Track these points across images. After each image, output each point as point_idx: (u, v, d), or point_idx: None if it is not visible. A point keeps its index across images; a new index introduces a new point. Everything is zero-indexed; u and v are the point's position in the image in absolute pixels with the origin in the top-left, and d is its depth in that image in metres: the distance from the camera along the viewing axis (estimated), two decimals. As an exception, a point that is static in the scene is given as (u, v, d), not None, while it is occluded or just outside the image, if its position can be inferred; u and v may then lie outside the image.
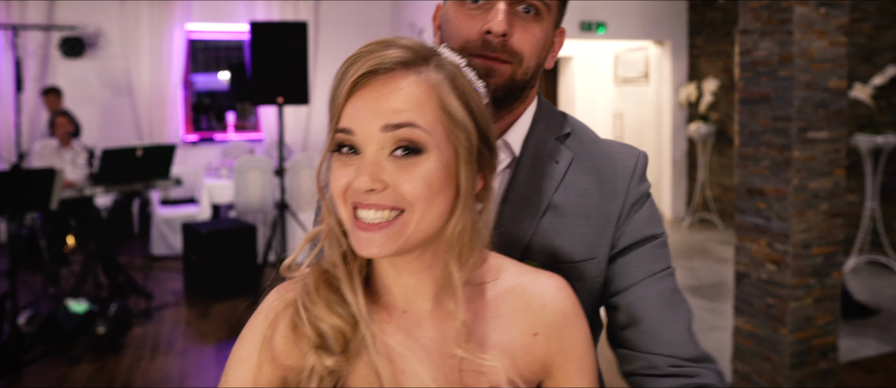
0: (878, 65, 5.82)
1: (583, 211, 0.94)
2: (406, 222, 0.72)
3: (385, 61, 0.73)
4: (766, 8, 3.00)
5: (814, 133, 2.94)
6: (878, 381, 3.56)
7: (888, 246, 5.72)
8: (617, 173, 0.97)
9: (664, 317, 0.93)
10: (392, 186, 0.72)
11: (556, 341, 0.80)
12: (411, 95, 0.72)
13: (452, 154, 0.74)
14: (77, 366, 3.87)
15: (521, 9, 0.90)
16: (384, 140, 0.72)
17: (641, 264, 0.95)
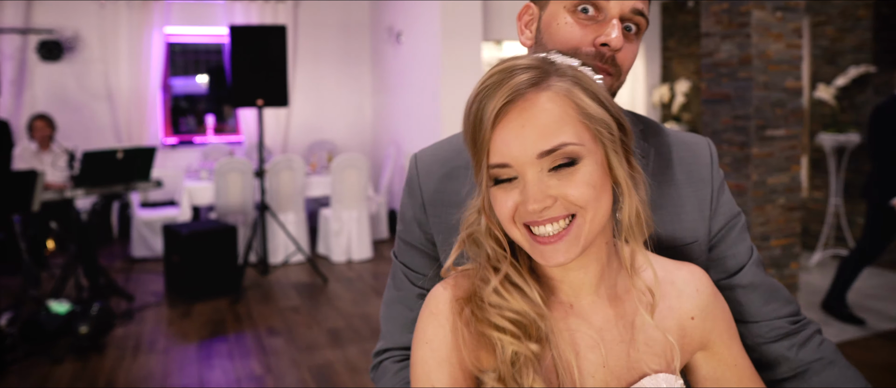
0: (840, 66, 6.03)
1: (676, 199, 1.00)
2: (581, 225, 0.77)
3: (518, 87, 0.75)
4: (726, 12, 3.14)
5: (772, 131, 3.08)
6: (837, 368, 3.71)
7: (852, 241, 5.92)
8: (699, 160, 1.03)
9: (772, 286, 1.03)
10: (560, 197, 0.76)
11: (711, 320, 0.88)
12: (552, 113, 0.75)
13: (602, 150, 0.78)
14: (60, 366, 3.92)
15: (625, 26, 0.95)
16: (542, 164, 0.75)
17: (742, 243, 1.03)
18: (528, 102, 0.75)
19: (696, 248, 1.00)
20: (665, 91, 7.81)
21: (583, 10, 0.94)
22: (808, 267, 5.82)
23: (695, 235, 0.99)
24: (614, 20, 0.93)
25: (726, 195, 1.05)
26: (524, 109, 0.75)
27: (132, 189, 5.05)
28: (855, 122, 5.97)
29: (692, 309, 0.87)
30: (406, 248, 1.02)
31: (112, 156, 4.88)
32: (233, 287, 5.27)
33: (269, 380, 3.70)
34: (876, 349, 3.98)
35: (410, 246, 1.02)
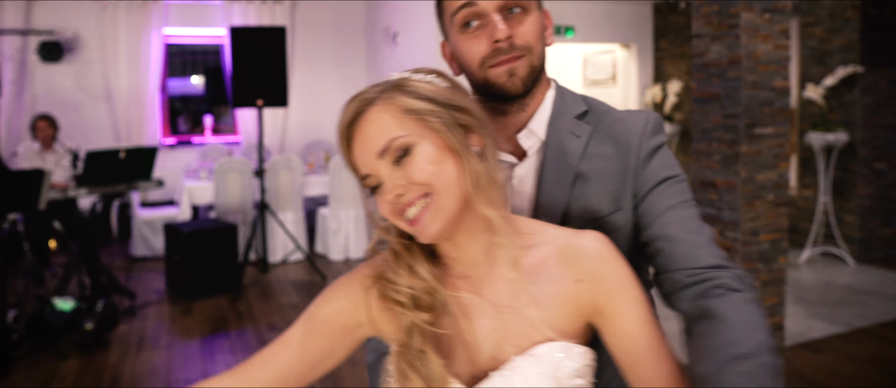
0: (829, 66, 6.15)
1: (605, 173, 1.07)
2: (437, 198, 0.88)
3: (359, 108, 0.91)
4: (716, 14, 3.25)
5: (760, 129, 3.19)
6: (824, 360, 3.83)
7: (840, 238, 6.04)
8: (630, 133, 1.08)
9: (683, 239, 1.01)
10: (408, 182, 0.88)
11: (598, 282, 0.92)
12: (378, 120, 0.90)
13: (433, 133, 0.90)
14: (65, 362, 3.99)
15: (509, 10, 1.04)
16: (385, 161, 0.89)
17: (661, 200, 1.05)
18: (363, 119, 0.90)
19: (620, 216, 1.06)
20: (657, 91, 7.93)
21: (467, 26, 1.05)
22: (798, 264, 5.94)
23: (617, 204, 1.05)
24: (494, 16, 1.02)
25: (657, 161, 1.08)
26: (361, 126, 0.90)
27: (134, 188, 5.12)
28: (843, 121, 6.09)
29: (578, 272, 0.92)
30: None
31: (115, 155, 4.96)
32: (233, 285, 5.35)
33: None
34: (861, 343, 4.09)
35: None
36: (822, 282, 5.39)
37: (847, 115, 6.07)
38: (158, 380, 3.72)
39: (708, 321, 0.90)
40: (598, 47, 8.73)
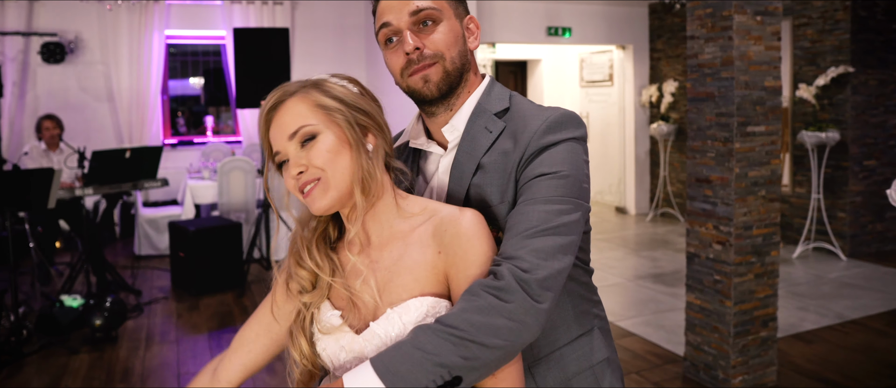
0: (821, 67, 6.28)
1: (500, 167, 1.14)
2: (326, 180, 1.06)
3: (274, 100, 1.09)
4: (709, 16, 3.36)
5: (752, 127, 3.30)
6: (816, 350, 3.95)
7: (832, 234, 6.17)
8: (527, 131, 1.13)
9: (515, 225, 1.05)
10: (308, 164, 1.06)
11: (451, 256, 1.05)
12: (294, 109, 1.07)
13: (337, 127, 1.07)
14: (76, 356, 4.08)
15: (421, 25, 1.16)
16: (294, 143, 1.06)
17: (525, 192, 1.09)
18: (283, 106, 1.08)
19: (504, 208, 1.11)
20: (653, 91, 8.05)
21: (388, 42, 1.19)
22: (791, 260, 6.06)
23: (504, 196, 1.12)
24: (405, 33, 1.16)
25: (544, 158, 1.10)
26: (279, 112, 1.09)
27: (139, 187, 5.20)
28: (834, 120, 6.21)
29: (440, 244, 1.06)
30: None
31: (121, 155, 5.04)
32: (238, 282, 5.44)
33: (279, 367, 3.87)
34: (851, 334, 4.21)
35: None
36: (814, 276, 5.51)
37: (838, 114, 6.20)
38: (169, 373, 3.82)
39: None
40: (595, 48, 8.84)
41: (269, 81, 5.50)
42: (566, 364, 1.19)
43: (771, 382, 3.47)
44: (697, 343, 3.52)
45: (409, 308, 1.05)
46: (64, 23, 7.48)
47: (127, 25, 7.60)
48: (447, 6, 1.19)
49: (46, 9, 7.41)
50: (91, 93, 7.69)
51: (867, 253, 6.26)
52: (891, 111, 6.36)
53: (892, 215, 6.44)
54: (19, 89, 7.33)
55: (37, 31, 7.34)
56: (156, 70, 7.77)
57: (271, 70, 5.46)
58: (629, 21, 8.24)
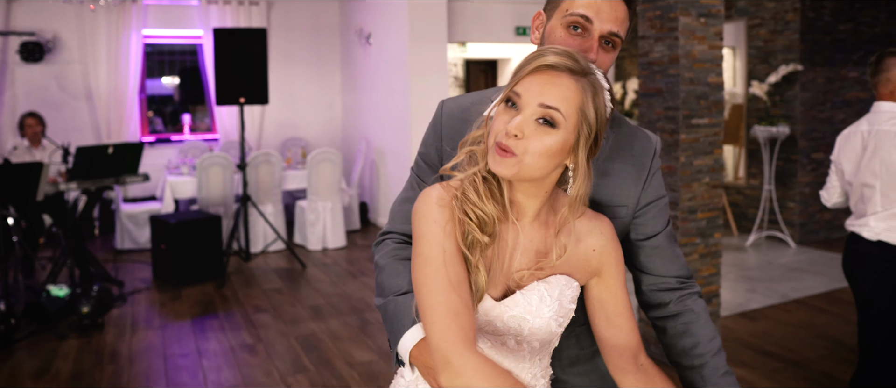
0: (772, 65, 6.65)
1: (619, 173, 1.32)
2: (522, 163, 1.05)
3: (560, 64, 1.05)
4: (658, 18, 3.66)
5: (697, 120, 3.61)
6: (759, 326, 4.28)
7: (783, 223, 6.54)
8: (645, 152, 1.35)
9: (674, 254, 1.37)
10: (526, 143, 1.04)
11: (605, 256, 1.20)
12: (566, 91, 1.04)
13: (574, 135, 1.07)
14: (65, 342, 4.27)
15: (605, 42, 1.26)
16: (537, 112, 1.04)
17: (660, 217, 1.36)
18: (560, 75, 1.05)
19: (624, 211, 1.33)
20: (617, 88, 8.38)
21: (574, 28, 1.26)
22: (745, 247, 6.43)
23: (625, 201, 1.32)
24: (594, 43, 1.24)
25: (658, 180, 1.36)
26: (556, 76, 1.05)
27: (121, 182, 5.38)
28: (785, 115, 6.59)
29: (595, 244, 1.19)
30: (423, 164, 1.40)
31: (103, 151, 5.21)
32: (218, 272, 5.64)
33: (261, 348, 4.12)
34: (793, 311, 4.56)
35: (427, 164, 1.39)
36: (764, 262, 5.87)
37: (788, 109, 6.58)
38: (156, 355, 4.03)
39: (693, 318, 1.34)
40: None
41: (247, 80, 5.73)
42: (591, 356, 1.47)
43: (715, 353, 3.79)
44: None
45: (550, 283, 1.16)
46: (42, 22, 7.60)
47: (105, 25, 7.73)
48: (624, 37, 1.30)
49: (24, 8, 7.52)
50: (70, 91, 7.81)
51: (815, 241, 6.65)
52: (837, 107, 6.76)
53: (839, 204, 6.84)
54: (-3, 88, 7.44)
55: (15, 30, 7.44)
56: (134, 69, 7.91)
57: (250, 69, 5.66)
58: (595, 21, 8.55)
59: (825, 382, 3.47)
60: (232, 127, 8.35)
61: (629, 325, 1.23)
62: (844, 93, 6.79)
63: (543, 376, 1.24)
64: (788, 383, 3.46)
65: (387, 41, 7.37)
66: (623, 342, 1.22)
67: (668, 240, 1.37)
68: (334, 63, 8.97)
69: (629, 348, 1.22)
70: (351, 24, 8.40)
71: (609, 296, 1.22)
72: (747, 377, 3.53)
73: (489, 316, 1.14)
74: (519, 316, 1.14)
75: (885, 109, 2.67)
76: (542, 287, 1.14)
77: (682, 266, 1.38)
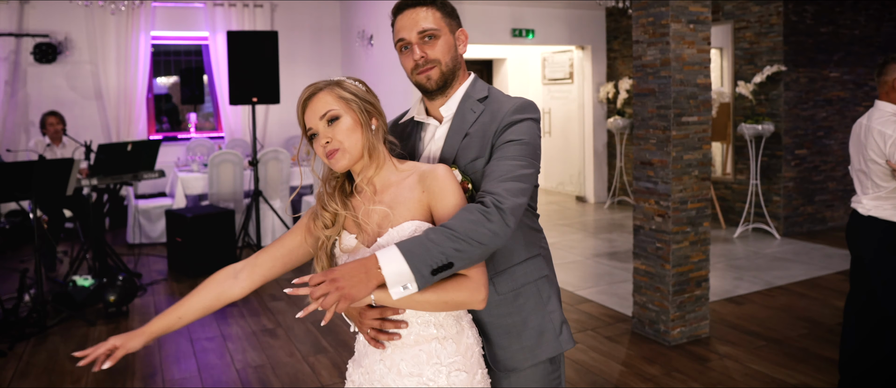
0: (758, 66, 6.98)
1: (481, 133, 1.63)
2: (345, 148, 1.49)
3: (306, 94, 1.52)
4: (651, 24, 3.97)
5: (687, 118, 3.92)
6: (745, 310, 4.60)
7: (768, 216, 6.88)
8: (501, 111, 1.63)
9: (488, 174, 1.55)
10: (333, 138, 1.49)
11: (432, 193, 1.51)
12: (324, 99, 1.50)
13: (352, 112, 1.51)
14: (94, 327, 4.53)
15: (426, 38, 1.64)
16: (322, 123, 1.50)
17: (497, 152, 1.58)
18: (315, 97, 1.51)
19: (480, 162, 1.61)
20: (610, 88, 8.70)
21: (403, 49, 1.68)
22: (733, 239, 6.76)
23: (481, 152, 1.62)
24: (414, 45, 1.65)
25: (511, 130, 1.59)
26: (313, 100, 1.51)
27: (139, 178, 5.64)
28: (770, 113, 6.93)
29: (422, 185, 1.52)
30: None
31: (123, 148, 5.47)
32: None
33: (281, 332, 4.40)
34: (776, 296, 4.88)
35: None
36: (751, 252, 6.20)
37: (773, 108, 6.91)
38: (183, 339, 4.30)
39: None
40: (556, 48, 9.47)
41: (259, 81, 6.00)
42: (516, 277, 1.69)
43: (704, 333, 4.11)
44: (643, 302, 4.14)
45: (404, 228, 1.50)
46: (53, 24, 7.83)
47: (115, 27, 7.97)
48: (444, 24, 1.66)
49: (37, 10, 7.76)
50: (80, 91, 8.05)
51: (799, 232, 6.99)
52: (819, 105, 7.11)
53: (821, 198, 7.19)
54: (11, 88, 7.67)
55: (29, 32, 7.67)
56: (142, 69, 8.16)
57: (262, 70, 5.93)
58: (588, 23, 8.88)
59: (802, 356, 3.79)
60: (237, 125, 8.61)
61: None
62: (826, 92, 7.14)
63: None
64: (769, 357, 3.78)
65: (389, 43, 7.64)
66: None
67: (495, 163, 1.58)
68: (335, 63, 9.24)
69: None
70: (353, 25, 8.67)
71: (444, 216, 1.51)
72: (733, 353, 3.84)
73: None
74: None
75: (881, 107, 3.05)
76: (395, 232, 1.50)
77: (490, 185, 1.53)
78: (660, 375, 3.59)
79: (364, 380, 1.58)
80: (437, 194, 1.52)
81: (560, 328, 1.70)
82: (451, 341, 1.54)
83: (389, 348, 1.52)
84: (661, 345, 3.99)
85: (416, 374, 1.51)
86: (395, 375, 1.52)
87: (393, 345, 1.52)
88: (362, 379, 1.58)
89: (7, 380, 3.69)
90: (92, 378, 3.69)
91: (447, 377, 1.52)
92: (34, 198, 4.51)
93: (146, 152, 5.69)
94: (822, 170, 7.19)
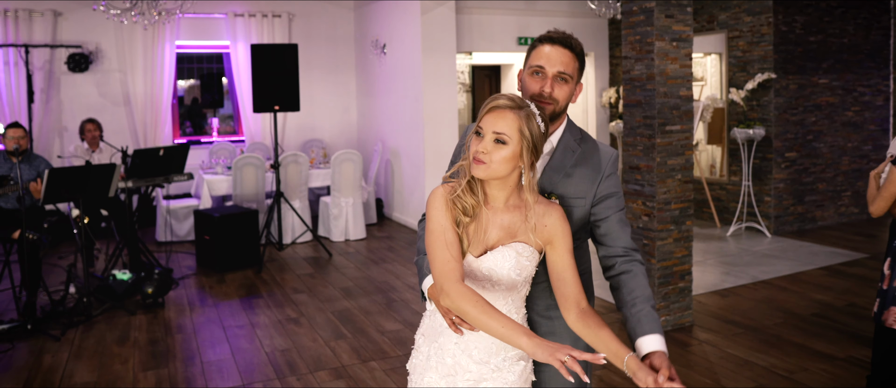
0: (750, 73, 7.37)
1: (581, 177, 1.82)
2: (491, 166, 1.59)
3: (502, 104, 1.61)
4: (638, 42, 4.39)
5: (670, 127, 4.33)
6: (728, 301, 5.01)
7: (759, 215, 7.27)
8: (602, 161, 1.85)
9: (622, 232, 1.82)
10: (489, 154, 1.59)
11: (554, 230, 1.67)
12: (509, 121, 1.59)
13: (519, 148, 1.60)
14: (135, 317, 5.00)
15: (560, 78, 1.81)
16: (492, 135, 1.59)
17: (611, 206, 1.82)
18: (503, 112, 1.62)
19: (582, 202, 1.82)
20: (612, 93, 9.10)
21: (535, 73, 1.84)
22: (725, 238, 7.15)
23: (584, 195, 1.83)
24: (549, 80, 1.81)
25: (612, 181, 1.83)
26: (501, 111, 1.62)
27: (170, 181, 6.10)
28: (761, 118, 7.31)
29: (547, 223, 1.68)
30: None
31: (156, 153, 5.94)
32: (255, 260, 6.38)
33: (304, 321, 4.85)
34: (759, 290, 5.29)
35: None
36: (741, 249, 6.60)
37: (764, 113, 7.30)
38: (215, 327, 4.76)
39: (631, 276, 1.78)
40: (560, 55, 9.87)
41: (281, 90, 6.47)
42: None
43: (687, 322, 4.52)
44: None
45: (512, 247, 1.67)
46: (85, 35, 8.33)
47: (141, 37, 8.46)
48: (575, 74, 1.85)
49: (69, 22, 8.26)
50: (110, 98, 8.55)
51: (789, 231, 7.37)
52: (808, 111, 7.48)
53: (810, 198, 7.57)
54: (46, 95, 8.17)
55: (63, 43, 8.18)
56: (168, 77, 8.64)
57: (283, 80, 6.39)
58: (592, 32, 9.29)
59: (774, 342, 4.20)
60: (256, 130, 9.08)
61: (573, 280, 1.69)
62: (815, 98, 7.51)
63: (516, 313, 1.76)
64: (744, 343, 4.19)
65: (401, 51, 8.09)
66: (568, 292, 1.69)
67: (619, 223, 1.84)
68: (349, 70, 9.70)
69: (573, 295, 1.68)
70: (366, 35, 9.13)
71: (557, 259, 1.70)
72: (712, 340, 4.26)
73: (471, 267, 1.69)
74: (489, 267, 1.68)
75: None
76: (505, 249, 1.67)
77: (627, 241, 1.81)
78: (644, 357, 4.01)
79: (435, 354, 1.77)
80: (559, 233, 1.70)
81: None
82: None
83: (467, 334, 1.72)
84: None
85: (485, 361, 1.72)
86: (467, 357, 1.73)
87: (469, 333, 1.71)
88: (434, 353, 1.78)
89: (64, 361, 4.17)
90: (139, 360, 4.16)
91: (511, 365, 1.75)
92: (84, 199, 4.99)
93: (177, 156, 6.15)
94: (811, 172, 7.56)
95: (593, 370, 3.81)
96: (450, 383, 1.74)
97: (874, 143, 8.02)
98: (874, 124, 7.99)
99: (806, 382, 3.63)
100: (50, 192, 4.79)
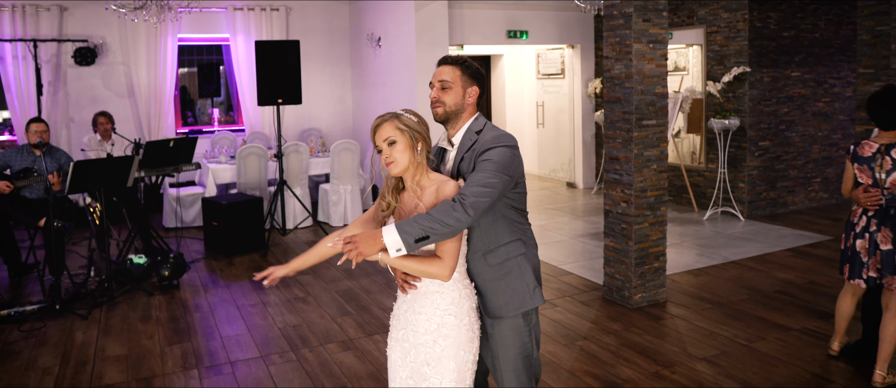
0: (727, 66, 7.80)
1: (471, 156, 2.27)
2: (397, 162, 2.15)
3: (376, 122, 2.19)
4: (618, 44, 4.80)
5: (646, 121, 4.75)
6: (700, 280, 5.47)
7: (734, 200, 7.73)
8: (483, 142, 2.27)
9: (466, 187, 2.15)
10: (390, 154, 2.15)
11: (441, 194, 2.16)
12: (387, 127, 2.17)
13: (406, 138, 2.15)
14: (153, 298, 5.40)
15: (442, 86, 2.34)
16: (385, 144, 2.16)
17: (476, 166, 2.22)
18: (381, 125, 2.18)
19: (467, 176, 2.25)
20: (598, 84, 9.51)
21: (431, 85, 2.38)
22: (702, 221, 7.62)
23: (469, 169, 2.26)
24: (436, 87, 2.35)
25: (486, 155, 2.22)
26: (380, 127, 2.18)
27: (180, 170, 6.47)
28: (736, 109, 7.76)
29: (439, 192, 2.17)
30: None
31: (166, 144, 6.30)
32: (260, 245, 6.77)
33: (311, 299, 5.27)
34: (729, 269, 5.75)
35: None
36: (716, 232, 7.06)
37: (739, 104, 7.74)
38: (229, 306, 5.16)
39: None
40: (549, 47, 10.28)
41: (284, 84, 6.83)
42: (501, 253, 2.45)
43: (661, 298, 4.97)
44: (611, 273, 5.00)
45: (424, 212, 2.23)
46: (90, 29, 8.64)
47: (145, 31, 8.78)
48: (459, 81, 2.36)
49: (75, 18, 8.56)
50: (114, 90, 8.87)
51: (762, 215, 7.85)
52: (781, 102, 7.93)
53: (782, 184, 8.04)
54: (53, 88, 8.49)
55: (70, 37, 8.49)
56: (170, 69, 8.97)
57: (285, 74, 6.75)
58: (578, 24, 9.69)
59: (737, 316, 4.66)
60: (256, 120, 9.44)
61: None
62: (787, 90, 7.96)
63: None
64: (711, 317, 4.65)
65: (396, 44, 8.46)
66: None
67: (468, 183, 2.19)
68: (345, 62, 10.06)
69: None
70: (361, 28, 9.48)
71: None
72: (683, 314, 4.71)
73: None
74: None
75: None
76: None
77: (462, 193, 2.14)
78: (621, 330, 4.46)
79: (399, 312, 2.35)
80: (443, 198, 2.23)
81: (533, 291, 2.44)
82: (447, 294, 2.29)
83: (411, 294, 2.28)
84: (625, 307, 4.86)
85: (424, 314, 2.25)
86: (413, 313, 2.28)
87: (413, 293, 2.27)
88: (399, 313, 2.35)
89: (94, 337, 4.56)
90: (163, 336, 4.56)
91: (441, 317, 2.24)
92: (104, 189, 5.36)
93: (185, 147, 6.52)
94: (783, 159, 8.03)
95: (592, 369, 4.25)
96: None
97: (843, 132, 8.50)
98: (843, 114, 8.46)
99: (763, 349, 4.09)
100: (75, 182, 5.16)
